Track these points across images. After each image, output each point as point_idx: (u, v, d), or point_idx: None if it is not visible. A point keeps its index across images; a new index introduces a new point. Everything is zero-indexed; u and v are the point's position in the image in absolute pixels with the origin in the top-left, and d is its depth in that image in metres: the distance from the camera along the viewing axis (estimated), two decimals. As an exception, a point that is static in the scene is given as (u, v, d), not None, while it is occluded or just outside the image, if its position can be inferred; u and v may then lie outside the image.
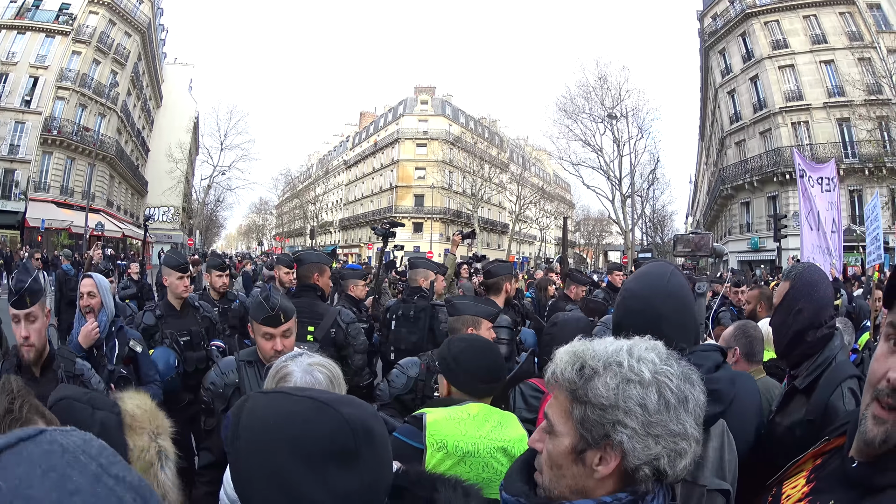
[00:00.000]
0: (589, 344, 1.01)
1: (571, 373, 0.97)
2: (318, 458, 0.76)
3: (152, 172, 43.74)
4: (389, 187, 54.03)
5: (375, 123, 61.09)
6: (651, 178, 34.21)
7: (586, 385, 0.94)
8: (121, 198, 38.58)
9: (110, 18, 34.06)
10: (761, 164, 28.76)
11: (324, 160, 72.42)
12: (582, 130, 33.27)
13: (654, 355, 0.98)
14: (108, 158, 34.15)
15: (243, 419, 0.81)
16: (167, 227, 44.01)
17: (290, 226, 70.11)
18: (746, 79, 30.38)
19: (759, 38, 29.32)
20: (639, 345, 1.00)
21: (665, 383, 0.94)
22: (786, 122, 28.17)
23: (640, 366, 0.94)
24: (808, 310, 1.88)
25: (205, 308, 3.91)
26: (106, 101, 33.07)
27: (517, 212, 45.19)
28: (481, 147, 50.28)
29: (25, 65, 29.78)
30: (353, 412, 0.80)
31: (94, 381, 2.49)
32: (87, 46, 32.28)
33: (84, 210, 27.34)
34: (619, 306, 1.62)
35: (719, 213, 34.19)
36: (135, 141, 41.05)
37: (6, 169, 28.51)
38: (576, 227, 53.91)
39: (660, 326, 1.31)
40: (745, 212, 30.73)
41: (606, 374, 0.94)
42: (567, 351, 1.01)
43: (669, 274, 1.58)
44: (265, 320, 2.25)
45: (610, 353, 0.97)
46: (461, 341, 2.03)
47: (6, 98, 28.62)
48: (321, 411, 0.79)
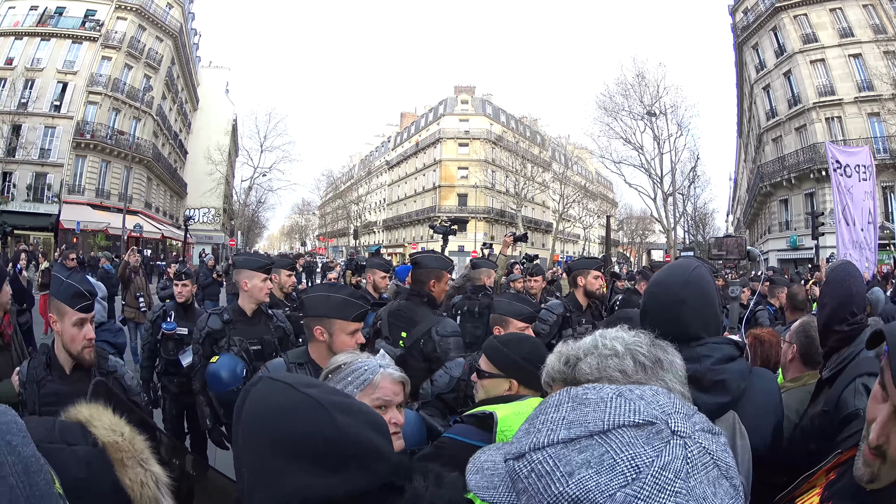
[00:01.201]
0: (569, 343, 1.22)
1: (560, 366, 1.18)
2: (300, 457, 0.78)
3: (191, 174, 44.51)
4: (432, 187, 54.34)
5: (416, 123, 61.48)
6: (692, 176, 34.24)
7: (574, 371, 1.14)
8: (159, 200, 39.29)
9: (140, 24, 34.53)
10: (798, 161, 28.28)
11: (366, 161, 73.07)
12: (622, 128, 33.34)
13: (623, 334, 1.18)
14: (144, 161, 34.72)
15: (247, 403, 0.84)
16: (208, 228, 44.80)
17: (334, 226, 70.81)
18: (780, 74, 29.95)
19: (790, 33, 28.99)
20: (609, 332, 1.20)
21: (636, 350, 1.14)
22: (820, 117, 27.68)
23: (613, 343, 1.15)
24: (830, 304, 1.98)
25: (278, 317, 3.69)
26: (140, 105, 33.51)
27: (561, 211, 45.32)
28: (523, 146, 50.34)
29: (52, 70, 30.35)
30: (348, 421, 0.80)
31: (127, 378, 2.53)
32: (118, 52, 32.79)
33: (121, 212, 27.71)
34: (645, 293, 1.75)
35: (759, 210, 33.83)
36: (172, 144, 41.75)
37: (37, 173, 29.16)
38: (619, 225, 53.88)
39: (680, 311, 1.55)
40: (783, 209, 30.33)
41: (587, 357, 1.15)
42: (553, 354, 1.23)
43: (693, 266, 1.67)
44: (357, 318, 2.33)
45: (587, 343, 1.18)
46: (522, 342, 2.06)
47: (34, 104, 29.17)
48: (314, 412, 0.80)
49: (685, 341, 1.46)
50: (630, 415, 0.59)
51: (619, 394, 0.63)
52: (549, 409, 0.65)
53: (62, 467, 0.85)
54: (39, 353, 2.40)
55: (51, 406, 2.16)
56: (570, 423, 0.61)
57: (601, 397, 0.63)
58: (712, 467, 0.58)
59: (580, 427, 0.60)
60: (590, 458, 0.57)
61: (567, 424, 0.61)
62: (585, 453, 0.58)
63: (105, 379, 2.30)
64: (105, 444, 0.96)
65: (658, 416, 0.60)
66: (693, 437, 0.59)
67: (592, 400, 0.63)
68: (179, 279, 4.66)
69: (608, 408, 0.61)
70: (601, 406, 0.61)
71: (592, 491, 0.55)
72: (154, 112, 36.23)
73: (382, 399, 1.54)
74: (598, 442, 0.58)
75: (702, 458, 0.58)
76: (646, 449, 0.57)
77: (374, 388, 1.54)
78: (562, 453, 0.59)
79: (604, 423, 0.59)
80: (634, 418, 0.59)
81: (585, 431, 0.59)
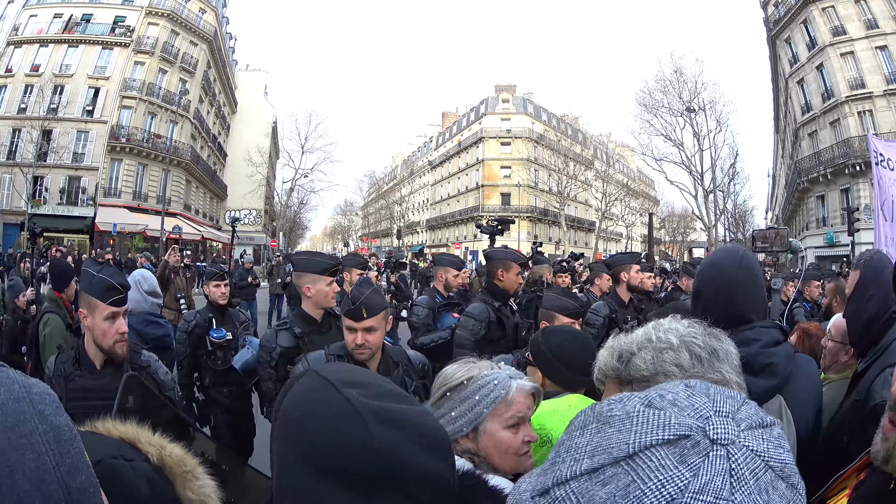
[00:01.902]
0: (620, 337, 1.16)
1: (613, 361, 1.12)
2: (327, 471, 0.68)
3: (231, 176, 45.03)
4: (476, 186, 54.52)
5: (458, 123, 61.94)
6: (731, 173, 33.99)
7: (628, 367, 1.09)
8: (199, 202, 39.72)
9: (172, 29, 34.87)
10: (833, 156, 27.58)
11: (408, 161, 73.43)
12: (662, 125, 33.48)
13: (677, 324, 1.13)
14: (183, 164, 35.05)
15: (287, 398, 0.76)
16: (249, 229, 45.13)
17: (377, 226, 71.23)
18: (813, 67, 29.40)
19: (820, 25, 28.44)
20: (663, 323, 1.14)
21: (692, 342, 1.09)
22: (852, 111, 27.05)
23: (668, 335, 1.10)
24: (878, 296, 1.89)
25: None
26: (177, 109, 33.75)
27: (603, 209, 45.10)
28: (565, 144, 50.81)
29: (83, 76, 30.86)
30: (389, 436, 0.68)
31: (161, 373, 2.50)
32: (151, 57, 33.17)
33: (159, 214, 27.84)
34: (698, 275, 1.77)
35: (797, 207, 33.32)
36: (211, 146, 42.21)
37: (70, 176, 29.68)
38: (661, 224, 53.77)
39: (734, 293, 1.59)
40: (820, 205, 29.72)
41: (641, 352, 1.09)
42: (605, 348, 1.17)
43: (743, 250, 1.72)
44: (347, 313, 2.28)
45: (640, 336, 1.13)
46: (557, 334, 2.09)
47: (64, 109, 29.61)
48: (348, 421, 0.68)
49: (736, 324, 1.49)
50: (659, 431, 0.51)
51: (648, 404, 0.55)
52: (574, 433, 0.59)
53: (129, 487, 0.83)
54: (67, 348, 2.37)
55: (78, 402, 2.05)
56: (594, 449, 0.54)
57: (627, 412, 0.55)
58: (764, 471, 0.51)
59: (604, 454, 0.52)
60: (614, 491, 0.50)
61: (591, 451, 0.54)
62: (610, 486, 0.51)
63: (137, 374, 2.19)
64: (165, 465, 0.92)
65: (693, 425, 0.52)
66: (737, 441, 0.51)
67: (618, 417, 0.55)
68: (220, 279, 4.26)
69: (634, 425, 0.53)
70: (627, 424, 0.53)
71: None
72: (191, 115, 36.56)
73: (517, 416, 1.40)
74: (623, 470, 0.51)
75: (750, 464, 0.50)
76: (680, 470, 0.49)
77: (509, 405, 1.40)
78: (585, 488, 0.52)
79: (629, 445, 0.51)
80: (664, 434, 0.51)
81: (610, 458, 0.52)
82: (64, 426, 0.53)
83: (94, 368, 2.28)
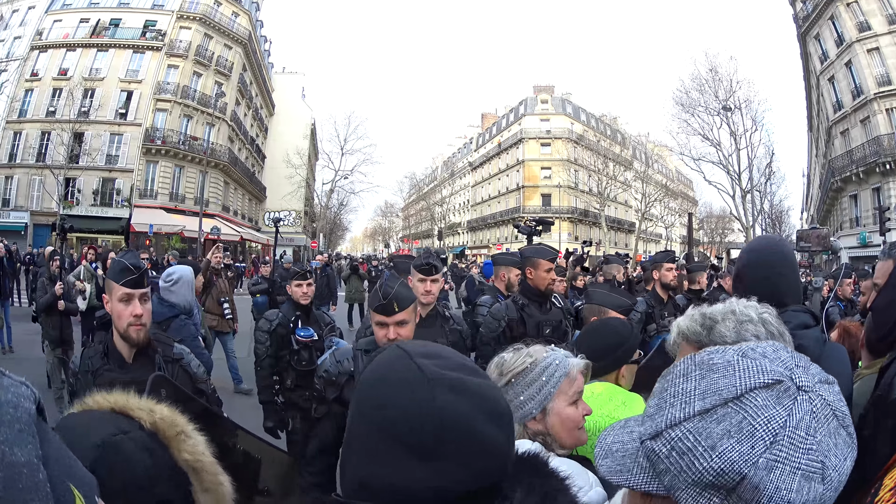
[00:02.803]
0: (702, 307, 1.29)
1: (696, 327, 1.24)
2: (391, 435, 0.70)
3: (270, 178, 45.28)
4: (516, 187, 54.36)
5: (497, 124, 61.69)
6: (767, 172, 33.71)
7: (710, 333, 1.21)
8: (237, 203, 39.94)
9: (205, 33, 35.07)
10: (864, 154, 27.20)
11: (448, 162, 73.37)
12: (700, 124, 33.66)
13: (754, 303, 1.27)
14: (220, 165, 35.21)
15: (370, 366, 0.79)
16: (289, 230, 45.19)
17: (418, 228, 71.14)
18: (842, 64, 28.98)
19: (846, 21, 28.16)
20: (740, 301, 1.28)
21: (768, 320, 1.23)
22: (881, 108, 26.65)
23: (748, 310, 1.24)
24: None
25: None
26: (213, 111, 33.95)
27: (643, 210, 45.24)
28: (604, 144, 51.13)
29: (114, 80, 31.20)
30: (454, 401, 0.70)
31: (193, 365, 2.44)
32: (185, 60, 33.40)
33: (196, 215, 27.89)
34: (739, 260, 1.90)
35: (831, 207, 32.93)
36: (249, 148, 42.49)
37: (104, 178, 30.03)
38: (699, 225, 53.05)
39: (775, 278, 1.70)
40: (853, 205, 29.41)
41: (725, 321, 1.22)
42: (686, 316, 1.30)
43: (779, 238, 2.02)
44: (378, 308, 2.23)
45: (723, 308, 1.25)
46: (597, 328, 2.27)
47: (96, 112, 29.92)
48: (417, 385, 0.70)
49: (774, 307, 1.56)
50: (759, 376, 0.59)
51: (743, 354, 0.63)
52: (677, 381, 0.64)
53: (131, 460, 0.86)
54: (96, 343, 2.34)
55: None
56: (703, 392, 0.61)
57: (727, 361, 0.62)
58: (832, 418, 0.59)
59: (714, 396, 0.59)
60: (729, 427, 0.57)
61: (700, 395, 0.61)
62: (724, 423, 0.58)
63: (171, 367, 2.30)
64: (154, 425, 0.94)
65: (783, 373, 0.60)
66: (814, 389, 0.59)
67: (720, 365, 0.62)
68: (303, 278, 4.12)
69: (737, 371, 0.60)
70: (729, 370, 0.61)
71: (737, 462, 0.56)
72: (228, 118, 36.75)
73: (577, 392, 1.52)
74: (733, 409, 0.58)
75: (823, 410, 0.58)
76: (778, 409, 0.57)
77: (572, 381, 1.51)
78: (700, 426, 0.59)
79: (736, 388, 0.59)
80: (764, 379, 0.59)
81: (720, 399, 0.59)
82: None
83: (123, 361, 2.22)
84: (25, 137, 29.58)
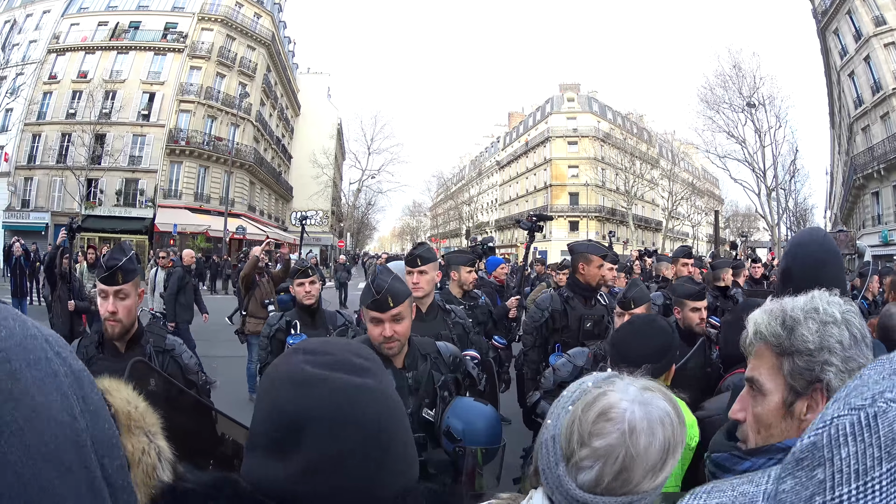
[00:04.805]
0: (779, 302, 1.10)
1: (776, 326, 1.06)
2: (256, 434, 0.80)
3: (296, 178, 45.25)
4: (544, 186, 54.22)
5: (524, 123, 61.48)
6: (792, 170, 33.63)
7: (791, 335, 1.05)
8: (263, 203, 39.97)
9: (228, 34, 35.07)
10: (885, 151, 26.85)
11: (476, 161, 73.22)
12: (724, 121, 33.54)
13: (837, 299, 1.09)
14: (246, 166, 35.24)
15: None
16: (316, 229, 45.20)
17: (446, 227, 71.00)
18: (861, 59, 28.60)
19: (862, 16, 27.94)
20: (822, 294, 1.09)
21: (851, 321, 1.05)
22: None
23: (832, 308, 1.06)
24: None
25: (457, 313, 3.33)
26: (238, 112, 33.97)
27: (669, 208, 45.17)
28: (630, 143, 51.06)
29: (136, 81, 31.32)
30: (291, 397, 0.76)
31: (185, 357, 2.52)
32: (207, 61, 33.43)
33: (221, 215, 27.83)
34: (785, 255, 1.84)
35: (854, 205, 32.38)
36: (275, 149, 42.53)
37: (128, 179, 30.17)
38: (725, 223, 52.06)
39: (819, 271, 1.64)
40: (875, 203, 29.08)
41: (808, 321, 1.04)
42: (762, 311, 1.11)
43: (824, 232, 1.89)
44: (371, 305, 2.12)
45: (804, 303, 1.07)
46: (624, 324, 2.24)
47: (118, 113, 30.06)
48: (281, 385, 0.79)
49: None
50: None
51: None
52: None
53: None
54: (92, 333, 2.45)
55: None
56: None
57: None
58: None
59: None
60: None
61: None
62: None
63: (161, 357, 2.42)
64: (117, 411, 0.94)
65: None
66: None
67: None
68: (304, 276, 3.87)
69: None
70: None
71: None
72: (253, 118, 36.78)
73: None
74: None
75: None
76: None
77: None
78: None
79: None
80: None
81: None
82: (82, 370, 0.49)
83: (116, 351, 2.31)
84: (45, 139, 29.88)
